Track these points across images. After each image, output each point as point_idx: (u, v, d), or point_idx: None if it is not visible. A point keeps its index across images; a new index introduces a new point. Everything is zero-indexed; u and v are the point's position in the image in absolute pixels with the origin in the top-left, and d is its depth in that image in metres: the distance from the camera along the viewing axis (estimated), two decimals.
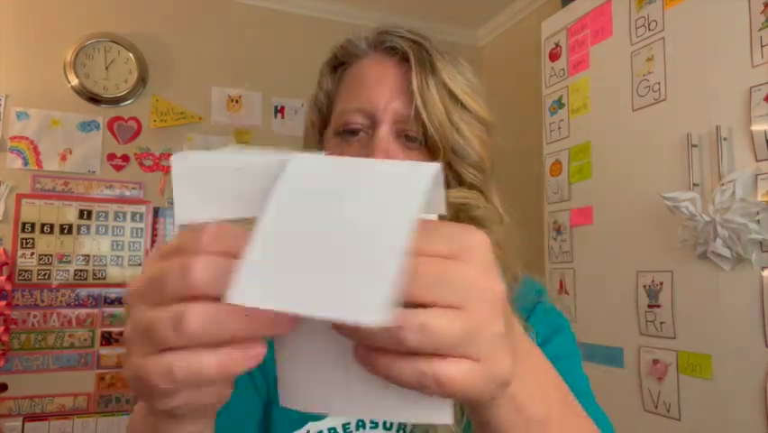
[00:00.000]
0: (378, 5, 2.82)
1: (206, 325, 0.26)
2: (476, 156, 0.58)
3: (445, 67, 0.57)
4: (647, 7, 1.61)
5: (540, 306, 0.63)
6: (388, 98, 0.57)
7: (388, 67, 0.59)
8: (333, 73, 0.65)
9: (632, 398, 1.56)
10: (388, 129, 0.57)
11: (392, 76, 0.58)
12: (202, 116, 2.56)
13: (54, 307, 2.26)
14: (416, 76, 0.56)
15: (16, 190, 2.26)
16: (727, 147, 1.35)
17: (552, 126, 1.98)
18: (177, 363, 0.26)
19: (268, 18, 2.73)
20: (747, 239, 1.25)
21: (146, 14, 2.52)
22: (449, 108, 0.56)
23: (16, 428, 2.16)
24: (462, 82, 0.58)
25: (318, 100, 0.65)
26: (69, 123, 2.35)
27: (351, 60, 0.63)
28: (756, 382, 1.25)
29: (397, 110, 0.57)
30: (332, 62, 0.66)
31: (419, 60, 0.57)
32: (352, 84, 0.61)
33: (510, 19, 2.85)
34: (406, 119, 0.56)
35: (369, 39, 0.63)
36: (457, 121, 0.56)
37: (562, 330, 0.61)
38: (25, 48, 2.31)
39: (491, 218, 0.58)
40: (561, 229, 1.89)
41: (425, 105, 0.55)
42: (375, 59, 0.61)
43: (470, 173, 0.58)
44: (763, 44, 1.29)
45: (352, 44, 0.63)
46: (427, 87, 0.55)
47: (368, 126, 0.58)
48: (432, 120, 0.55)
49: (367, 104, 0.57)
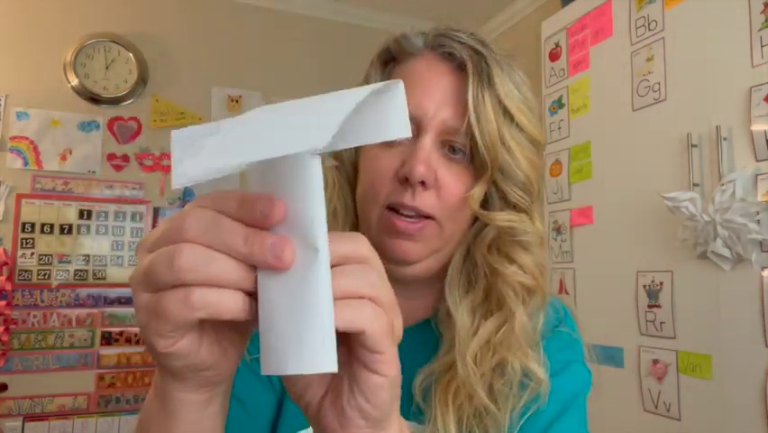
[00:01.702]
0: (378, 5, 2.82)
1: (197, 260, 0.28)
2: (524, 177, 0.55)
3: (503, 81, 0.54)
4: (647, 7, 1.61)
5: (557, 333, 0.60)
6: (438, 107, 0.54)
7: (442, 73, 0.56)
8: (384, 67, 0.62)
9: (632, 398, 1.56)
10: (433, 138, 0.54)
11: (446, 83, 0.55)
12: (202, 116, 2.56)
13: (54, 307, 2.26)
14: (472, 88, 0.53)
15: (16, 190, 2.26)
16: (727, 147, 1.35)
17: (552, 126, 1.98)
18: (191, 292, 0.28)
19: (268, 18, 2.73)
20: (747, 239, 1.25)
21: (146, 14, 2.52)
22: (501, 125, 0.53)
23: (16, 428, 2.16)
24: (518, 98, 0.55)
25: None
26: (69, 123, 2.35)
27: (403, 58, 0.60)
28: (756, 382, 1.25)
29: (445, 120, 0.54)
30: (383, 56, 0.62)
31: (477, 71, 0.54)
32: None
33: (510, 19, 2.85)
34: (455, 131, 0.54)
35: (426, 38, 0.59)
36: (508, 139, 0.54)
37: (571, 369, 0.59)
38: (25, 48, 2.31)
39: (535, 242, 0.56)
40: (561, 229, 1.89)
41: (478, 120, 0.52)
42: (429, 61, 0.57)
43: (516, 194, 0.55)
44: (763, 44, 1.29)
45: (407, 40, 0.60)
46: (483, 101, 0.53)
47: (412, 132, 0.56)
48: (483, 137, 0.52)
49: (414, 109, 0.53)
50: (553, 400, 0.55)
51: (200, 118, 2.55)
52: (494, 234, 0.56)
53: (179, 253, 0.28)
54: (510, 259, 0.55)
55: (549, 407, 0.55)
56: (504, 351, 0.53)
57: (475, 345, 0.53)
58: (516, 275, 0.55)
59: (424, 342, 0.58)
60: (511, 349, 0.53)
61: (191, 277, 0.28)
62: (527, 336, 0.54)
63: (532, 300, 0.56)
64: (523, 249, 0.56)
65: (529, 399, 0.53)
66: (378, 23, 2.87)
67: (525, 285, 0.55)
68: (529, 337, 0.55)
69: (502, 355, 0.53)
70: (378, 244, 0.52)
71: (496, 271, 0.55)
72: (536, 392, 0.53)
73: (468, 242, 0.58)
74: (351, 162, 0.61)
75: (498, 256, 0.56)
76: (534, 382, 0.53)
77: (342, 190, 0.61)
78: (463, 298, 0.56)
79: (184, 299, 0.28)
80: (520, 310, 0.54)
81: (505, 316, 0.54)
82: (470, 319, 0.55)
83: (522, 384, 0.53)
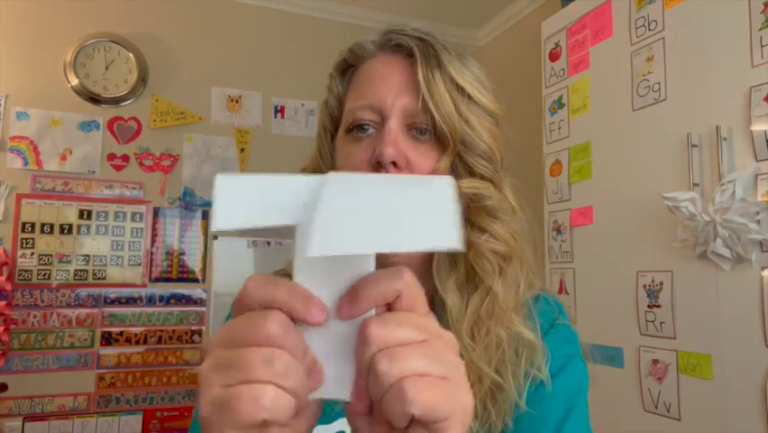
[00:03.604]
0: (378, 5, 2.82)
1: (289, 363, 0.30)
2: (485, 147, 0.58)
3: (452, 61, 0.58)
4: (647, 7, 1.61)
5: (557, 326, 0.62)
6: (396, 93, 0.57)
7: (394, 64, 0.60)
8: (343, 76, 0.65)
9: (632, 398, 1.56)
10: (398, 122, 0.57)
11: (399, 72, 0.59)
12: (202, 116, 2.56)
13: (54, 307, 2.26)
14: (421, 69, 0.56)
15: (16, 190, 2.26)
16: (727, 147, 1.35)
17: (552, 126, 1.98)
18: (266, 390, 0.30)
19: (268, 18, 2.73)
20: (747, 239, 1.25)
21: (146, 14, 2.52)
22: (456, 100, 0.57)
23: (16, 428, 2.16)
24: (469, 76, 0.59)
25: (329, 104, 0.65)
26: (69, 123, 2.35)
27: (359, 62, 0.64)
28: (756, 382, 1.25)
29: (405, 104, 0.57)
30: (340, 66, 0.66)
31: (425, 55, 0.57)
32: (360, 83, 0.61)
33: (510, 19, 2.85)
34: (415, 113, 0.57)
35: (375, 40, 0.63)
36: (465, 112, 0.57)
37: (571, 366, 0.61)
38: (25, 48, 2.31)
39: (503, 208, 0.58)
40: (561, 229, 1.89)
41: (431, 96, 0.56)
42: (382, 58, 0.62)
43: (480, 164, 0.58)
44: (763, 44, 1.29)
45: (360, 46, 0.64)
46: (433, 79, 0.56)
47: (377, 123, 0.58)
48: (440, 110, 0.56)
49: (375, 100, 0.57)
50: (560, 399, 0.57)
51: (200, 118, 2.56)
52: (463, 205, 0.57)
53: (272, 352, 0.30)
54: (481, 229, 0.57)
55: (556, 406, 0.57)
56: (492, 322, 0.56)
57: (467, 324, 0.56)
58: (488, 243, 0.57)
59: None
60: (498, 319, 0.56)
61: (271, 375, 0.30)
62: (509, 302, 0.57)
63: (509, 267, 0.58)
64: (491, 217, 0.58)
65: (527, 362, 0.56)
66: (378, 24, 2.85)
67: (499, 252, 0.57)
68: (512, 303, 0.57)
69: (491, 327, 0.55)
70: None
71: (470, 243, 0.57)
72: (531, 357, 0.56)
73: None
74: (329, 170, 0.63)
75: (471, 229, 0.58)
76: (526, 346, 0.56)
77: None
78: (448, 279, 0.58)
79: (256, 398, 0.29)
80: (498, 280, 0.56)
81: (486, 287, 0.57)
82: (458, 299, 0.57)
83: (516, 351, 0.56)
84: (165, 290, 2.44)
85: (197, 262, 2.50)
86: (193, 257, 2.50)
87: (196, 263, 2.50)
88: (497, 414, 0.55)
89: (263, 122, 2.68)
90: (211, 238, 2.51)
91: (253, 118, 2.66)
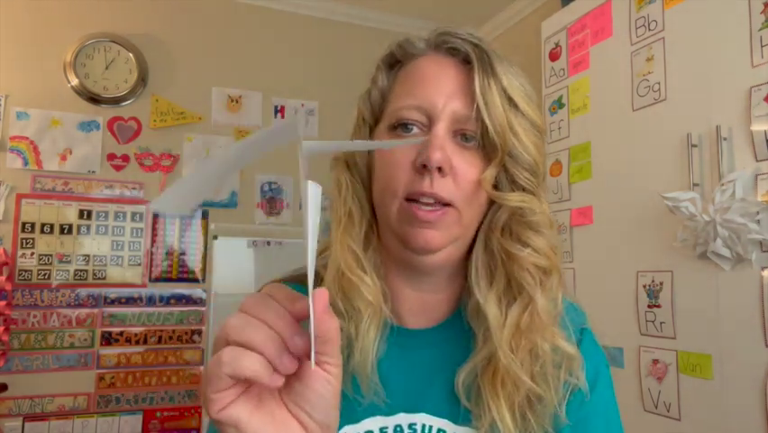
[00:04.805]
0: (378, 5, 2.82)
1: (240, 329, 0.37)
2: (531, 160, 0.58)
3: (504, 72, 0.57)
4: (647, 7, 1.61)
5: (586, 333, 0.64)
6: (447, 97, 0.56)
7: (447, 66, 0.59)
8: (390, 70, 0.64)
9: (632, 398, 1.56)
10: (446, 127, 0.56)
11: (452, 76, 0.58)
12: (202, 116, 2.56)
13: (54, 307, 2.26)
14: (478, 77, 0.56)
15: (16, 190, 2.26)
16: (727, 147, 1.35)
17: (552, 126, 1.98)
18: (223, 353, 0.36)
19: (268, 18, 2.73)
20: (747, 239, 1.25)
21: (146, 14, 2.52)
22: (507, 111, 0.56)
23: (16, 428, 2.16)
24: (519, 88, 0.58)
25: (372, 97, 0.64)
26: (69, 123, 2.36)
27: (407, 59, 0.62)
28: (756, 382, 1.25)
29: (455, 110, 0.56)
30: (388, 59, 0.64)
31: (481, 63, 0.57)
32: (409, 81, 0.60)
33: (510, 19, 2.85)
34: (465, 119, 0.56)
35: (428, 39, 0.62)
36: (515, 125, 0.57)
37: (602, 374, 0.63)
38: (25, 48, 2.31)
39: (545, 223, 0.58)
40: (561, 229, 1.89)
41: (486, 106, 0.55)
42: (434, 58, 0.60)
43: (524, 177, 0.58)
44: (763, 44, 1.29)
45: (410, 43, 0.62)
46: (490, 88, 0.55)
47: (423, 124, 0.57)
48: (493, 120, 0.55)
49: (425, 101, 0.56)
50: (598, 414, 0.59)
51: (200, 118, 2.56)
52: (506, 217, 0.58)
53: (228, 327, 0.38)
54: (523, 243, 0.57)
55: (595, 422, 0.59)
56: (532, 335, 0.56)
57: (508, 334, 0.56)
58: (531, 257, 0.57)
59: (456, 338, 0.60)
60: (538, 331, 0.56)
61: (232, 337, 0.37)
62: (550, 315, 0.57)
63: (549, 280, 0.58)
64: (534, 231, 0.58)
65: (566, 372, 0.57)
66: (378, 24, 2.87)
67: (541, 266, 0.57)
68: (551, 316, 0.57)
69: (532, 339, 0.56)
70: (400, 236, 0.56)
71: (511, 256, 0.57)
72: (570, 367, 0.57)
73: (484, 232, 0.60)
74: (364, 164, 0.63)
75: (512, 240, 0.58)
76: (565, 358, 0.57)
77: (356, 191, 0.62)
78: (489, 290, 0.58)
79: (218, 359, 0.36)
80: (539, 292, 0.56)
81: (526, 300, 0.57)
82: (498, 309, 0.57)
83: (555, 363, 0.57)
84: (165, 290, 2.44)
85: (197, 262, 2.50)
86: (193, 257, 2.50)
87: (196, 263, 2.50)
88: (537, 424, 0.55)
89: (263, 122, 2.68)
90: (211, 238, 2.52)
91: (253, 118, 2.66)
